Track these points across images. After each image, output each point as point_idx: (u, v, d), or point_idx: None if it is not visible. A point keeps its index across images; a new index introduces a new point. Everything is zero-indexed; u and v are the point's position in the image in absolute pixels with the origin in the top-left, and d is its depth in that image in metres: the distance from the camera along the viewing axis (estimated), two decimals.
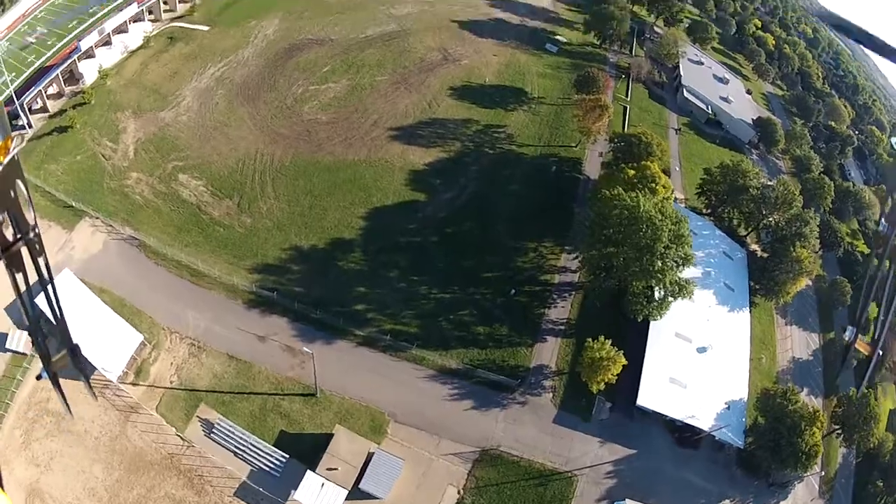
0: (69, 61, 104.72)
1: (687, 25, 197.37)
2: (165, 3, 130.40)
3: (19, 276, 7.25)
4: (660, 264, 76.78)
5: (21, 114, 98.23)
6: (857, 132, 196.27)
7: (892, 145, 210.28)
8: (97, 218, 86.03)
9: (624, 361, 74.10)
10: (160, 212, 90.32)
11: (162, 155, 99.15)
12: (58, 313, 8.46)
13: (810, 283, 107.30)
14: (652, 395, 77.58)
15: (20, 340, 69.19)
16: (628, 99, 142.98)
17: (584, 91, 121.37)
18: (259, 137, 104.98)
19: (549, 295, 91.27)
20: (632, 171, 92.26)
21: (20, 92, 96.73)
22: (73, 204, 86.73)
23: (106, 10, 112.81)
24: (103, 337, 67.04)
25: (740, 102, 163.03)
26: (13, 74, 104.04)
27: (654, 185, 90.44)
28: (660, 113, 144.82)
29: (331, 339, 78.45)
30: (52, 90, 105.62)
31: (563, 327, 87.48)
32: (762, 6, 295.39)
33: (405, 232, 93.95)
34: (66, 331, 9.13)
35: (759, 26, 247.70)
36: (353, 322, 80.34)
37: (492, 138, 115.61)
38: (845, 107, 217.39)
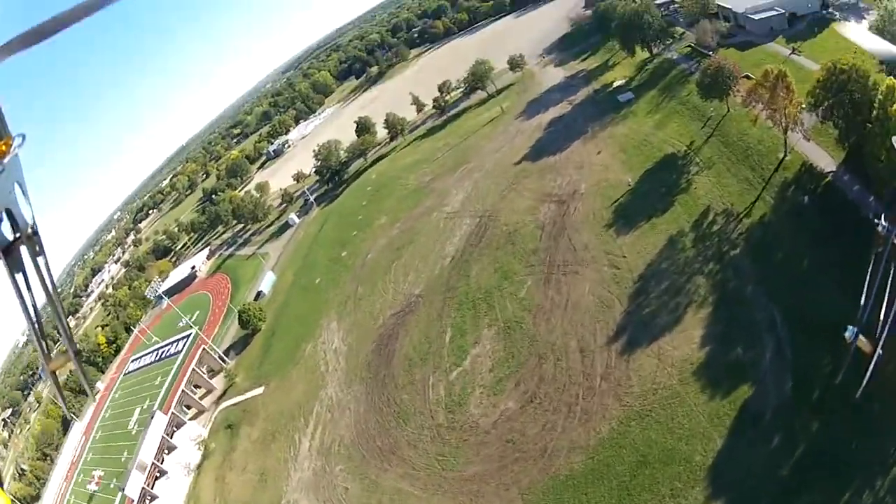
0: None
1: None
2: (197, 387, 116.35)
3: (19, 277, 6.20)
4: None
5: None
6: None
7: (892, 144, 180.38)
8: None
9: None
10: None
11: None
12: (58, 313, 6.83)
13: None
14: None
15: None
16: None
17: (717, 94, 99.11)
18: (445, 501, 67.56)
19: None
20: None
21: None
22: None
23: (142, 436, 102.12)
24: None
25: None
26: None
27: None
28: (763, 52, 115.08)
29: None
30: None
31: None
32: None
33: (768, 469, 51.70)
34: (68, 331, 7.11)
35: None
36: None
37: (710, 231, 79.55)
38: None
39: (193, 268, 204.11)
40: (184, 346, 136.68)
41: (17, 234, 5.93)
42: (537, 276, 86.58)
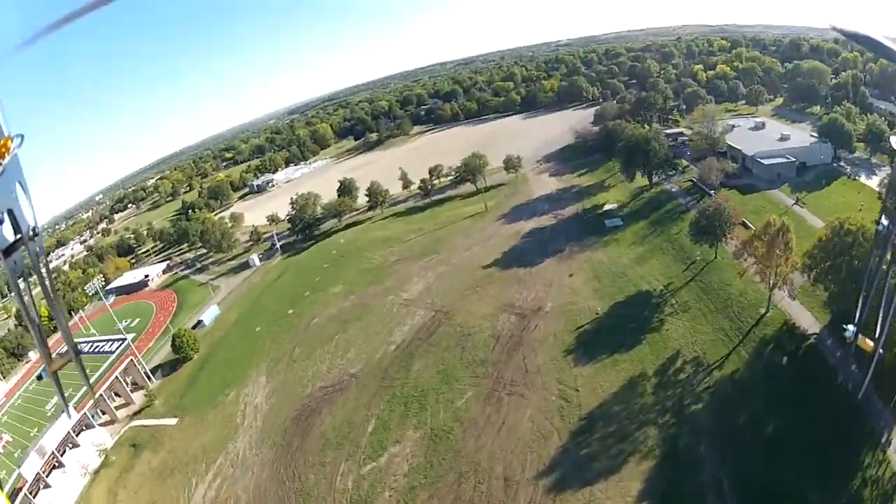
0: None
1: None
2: (117, 395, 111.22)
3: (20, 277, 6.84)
4: None
5: None
6: None
7: (892, 144, 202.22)
8: None
9: None
10: None
11: None
12: (58, 313, 7.72)
13: None
14: None
15: None
16: None
17: (709, 239, 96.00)
18: None
19: None
20: None
21: None
22: None
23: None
24: None
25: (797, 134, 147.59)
26: None
27: None
28: (765, 198, 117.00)
29: None
30: None
31: None
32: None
33: None
34: (67, 331, 8.17)
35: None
36: None
37: (674, 379, 73.55)
38: None
39: (147, 276, 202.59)
40: (118, 347, 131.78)
41: (19, 235, 6.20)
42: (480, 388, 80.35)
